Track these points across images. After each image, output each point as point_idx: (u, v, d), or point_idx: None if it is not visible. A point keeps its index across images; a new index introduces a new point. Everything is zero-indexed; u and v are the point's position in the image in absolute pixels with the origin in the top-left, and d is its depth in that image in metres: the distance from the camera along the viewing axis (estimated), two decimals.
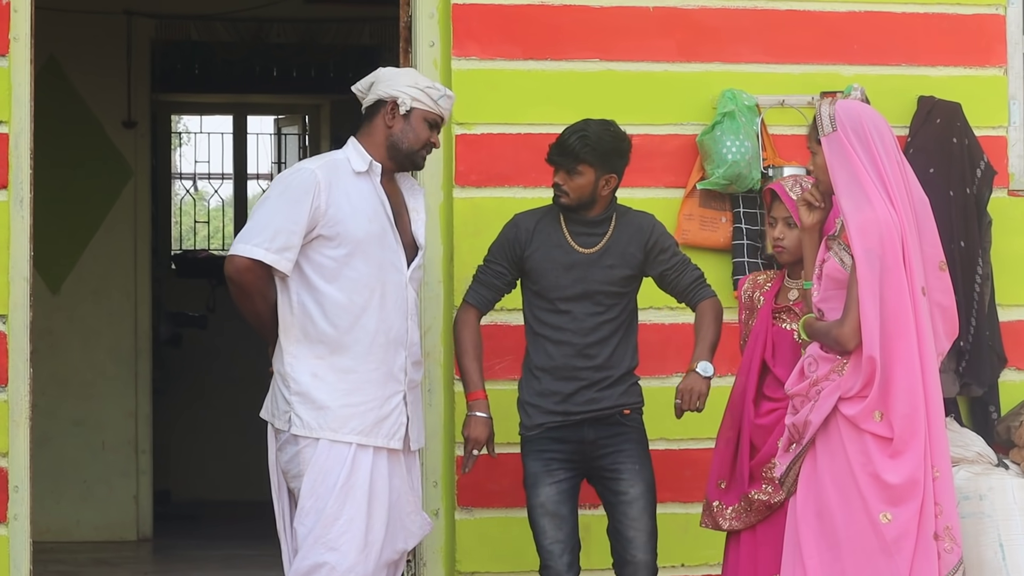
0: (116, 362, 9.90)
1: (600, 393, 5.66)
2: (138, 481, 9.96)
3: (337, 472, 5.26)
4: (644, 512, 5.64)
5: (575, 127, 5.68)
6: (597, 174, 5.66)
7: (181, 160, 14.85)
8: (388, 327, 5.37)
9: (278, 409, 5.36)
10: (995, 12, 6.78)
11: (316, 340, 5.32)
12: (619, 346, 5.71)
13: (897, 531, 4.80)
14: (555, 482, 5.65)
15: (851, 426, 4.87)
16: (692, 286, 5.74)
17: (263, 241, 5.26)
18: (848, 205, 4.91)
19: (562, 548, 5.62)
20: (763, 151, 6.47)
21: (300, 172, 5.39)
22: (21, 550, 6.06)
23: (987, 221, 6.60)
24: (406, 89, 5.44)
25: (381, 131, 5.46)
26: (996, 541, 5.95)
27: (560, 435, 5.67)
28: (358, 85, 5.57)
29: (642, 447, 5.72)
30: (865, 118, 5.00)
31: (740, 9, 6.60)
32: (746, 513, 5.45)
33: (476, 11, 6.42)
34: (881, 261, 4.83)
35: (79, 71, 9.77)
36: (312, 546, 5.24)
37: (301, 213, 5.27)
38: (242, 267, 5.27)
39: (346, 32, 10.45)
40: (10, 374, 6.03)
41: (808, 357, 5.04)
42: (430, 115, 5.49)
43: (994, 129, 6.73)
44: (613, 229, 5.72)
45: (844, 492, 4.85)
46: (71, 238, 9.74)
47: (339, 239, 5.31)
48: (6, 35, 6.08)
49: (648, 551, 5.63)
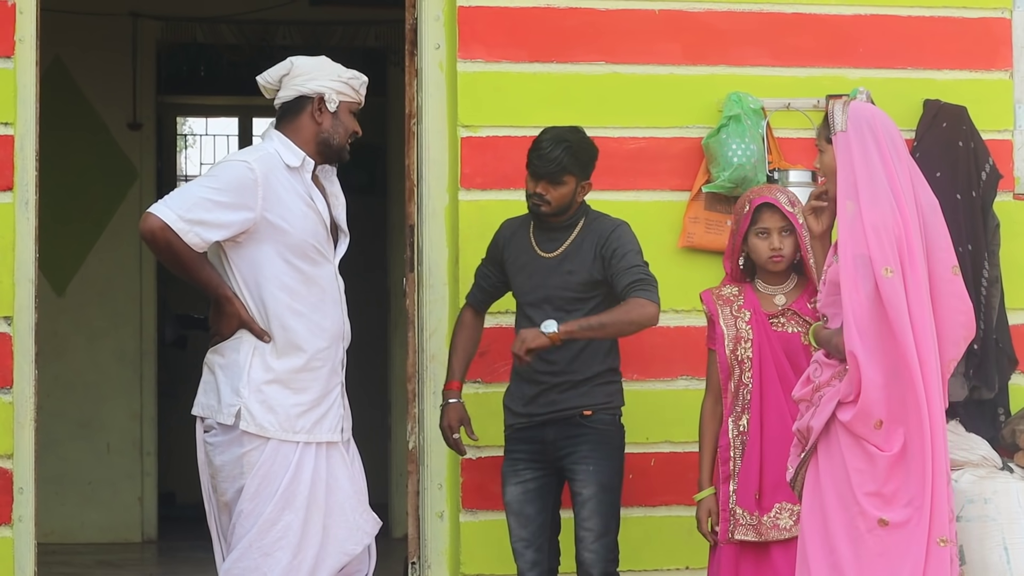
0: (121, 364, 9.91)
1: (561, 395, 5.73)
2: (143, 483, 9.97)
3: (281, 475, 5.18)
4: (595, 513, 5.67)
5: (554, 137, 5.71)
6: (577, 182, 5.73)
7: (186, 162, 14.83)
8: (329, 321, 5.33)
9: (221, 403, 5.25)
10: (1001, 16, 6.78)
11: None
12: (584, 351, 5.72)
13: (894, 538, 4.79)
14: (520, 481, 5.74)
15: (846, 432, 4.86)
16: (628, 287, 5.63)
17: (178, 207, 5.18)
18: (843, 209, 4.90)
19: (524, 545, 5.71)
20: (769, 154, 6.47)
21: (236, 164, 5.30)
22: (26, 551, 6.06)
23: (995, 224, 6.59)
24: (331, 84, 5.38)
25: (309, 127, 5.39)
26: (1001, 544, 5.95)
27: (526, 435, 5.77)
28: (266, 76, 5.49)
29: (602, 448, 5.73)
30: (877, 120, 4.99)
31: (746, 12, 6.60)
32: None
33: (482, 14, 6.42)
34: (879, 265, 4.81)
35: (84, 73, 9.78)
36: (246, 550, 5.16)
37: (229, 200, 5.18)
38: (153, 226, 5.19)
39: (352, 34, 10.46)
40: (15, 376, 6.03)
41: (814, 363, 5.04)
42: (354, 105, 5.45)
43: (1000, 132, 6.73)
44: (576, 235, 5.76)
45: (843, 497, 4.84)
46: (76, 240, 9.76)
47: (277, 235, 5.23)
48: (11, 37, 6.08)
49: (595, 551, 5.66)
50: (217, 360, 5.30)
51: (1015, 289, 6.64)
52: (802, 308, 5.52)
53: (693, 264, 6.28)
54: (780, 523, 5.45)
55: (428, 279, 6.39)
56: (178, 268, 5.26)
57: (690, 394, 6.01)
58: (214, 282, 5.28)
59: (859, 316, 4.78)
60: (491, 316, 6.06)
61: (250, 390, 5.20)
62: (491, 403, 5.97)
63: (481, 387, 6.08)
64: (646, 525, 6.33)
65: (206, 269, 5.28)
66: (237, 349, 5.25)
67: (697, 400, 5.75)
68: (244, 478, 5.20)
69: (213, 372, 5.31)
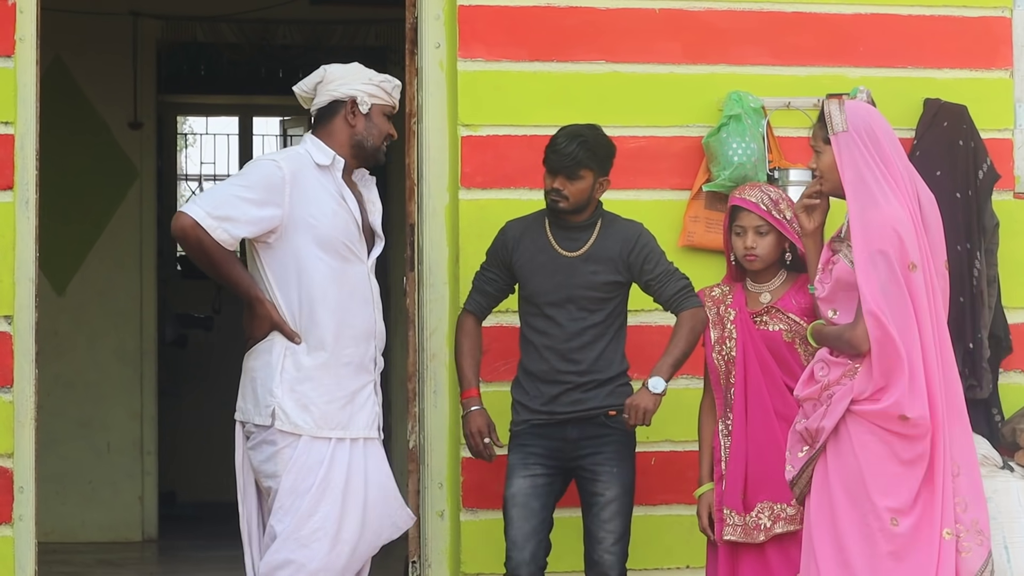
0: (121, 363, 9.91)
1: (585, 395, 5.72)
2: (143, 482, 9.96)
3: (316, 470, 5.27)
4: (617, 515, 5.70)
5: (570, 132, 5.72)
6: (595, 177, 5.71)
7: (187, 161, 14.85)
8: (359, 319, 5.42)
9: (258, 403, 5.33)
10: (1001, 15, 6.78)
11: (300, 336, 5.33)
12: (606, 350, 5.75)
13: (905, 536, 4.79)
14: (530, 475, 5.72)
15: (860, 431, 4.86)
16: (676, 296, 5.73)
17: (206, 205, 5.28)
18: (856, 205, 4.90)
19: (525, 538, 5.68)
20: (769, 153, 6.47)
21: (265, 163, 5.44)
22: (26, 551, 6.06)
23: (995, 223, 6.59)
24: (363, 87, 5.50)
25: (343, 131, 5.49)
26: (1001, 543, 5.95)
27: (544, 432, 5.74)
28: (301, 85, 5.60)
29: (624, 450, 5.76)
30: (875, 119, 5.01)
31: (746, 11, 6.60)
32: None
33: (482, 13, 6.42)
34: (897, 261, 4.82)
35: (85, 72, 9.77)
36: (284, 542, 5.24)
37: (256, 197, 5.28)
38: (184, 224, 5.27)
39: (352, 33, 10.46)
40: (15, 375, 6.03)
41: (818, 361, 5.03)
42: (387, 108, 5.55)
43: (1000, 131, 6.73)
44: (597, 234, 5.76)
45: (853, 496, 4.85)
46: (77, 239, 9.75)
47: (306, 232, 5.32)
48: (12, 36, 6.08)
49: (615, 552, 5.69)
50: (251, 364, 5.40)
51: (1015, 287, 6.64)
52: (786, 305, 5.54)
53: (693, 263, 6.27)
54: (761, 523, 5.46)
55: (428, 278, 6.39)
56: (210, 267, 5.34)
57: (690, 393, 6.01)
58: (245, 282, 5.35)
59: (883, 310, 4.79)
60: (491, 315, 6.04)
61: (283, 389, 5.30)
62: (490, 402, 5.95)
63: (482, 386, 6.07)
64: (646, 524, 6.32)
65: (237, 268, 5.35)
66: (270, 351, 5.34)
67: (697, 399, 5.77)
68: (280, 475, 5.27)
69: (249, 376, 5.40)
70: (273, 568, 5.25)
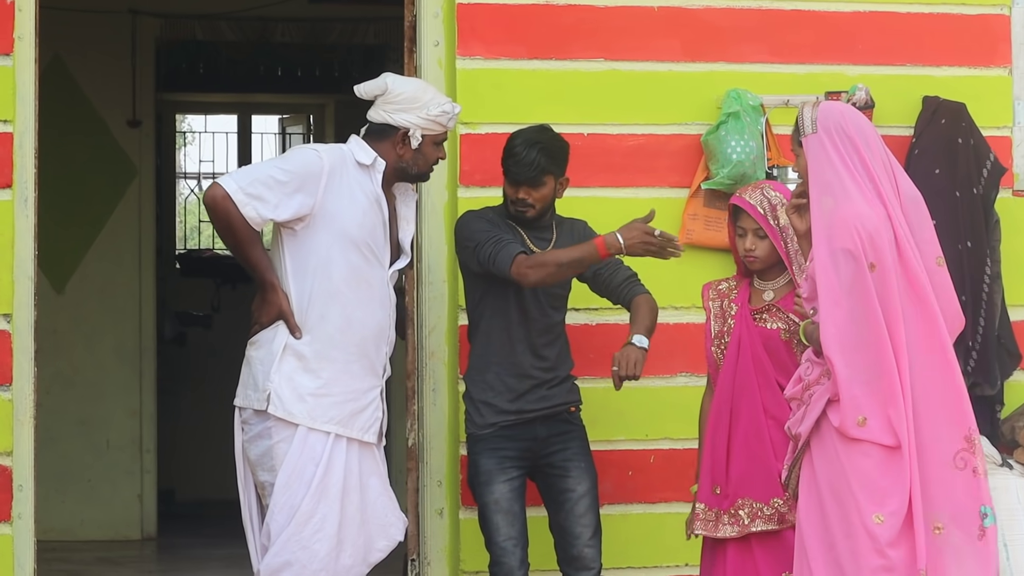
0: (120, 361, 9.91)
1: (551, 391, 5.81)
2: (142, 480, 9.96)
3: (312, 468, 5.26)
4: (590, 509, 5.78)
5: (526, 140, 5.75)
6: (555, 180, 5.78)
7: (186, 159, 14.87)
8: (372, 320, 5.41)
9: (256, 388, 5.33)
10: (1000, 12, 6.78)
11: (305, 327, 5.33)
12: (563, 347, 5.89)
13: (890, 532, 4.80)
14: (508, 480, 5.76)
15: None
16: (624, 283, 5.82)
17: (241, 180, 5.31)
18: (817, 205, 4.90)
19: (514, 544, 5.73)
20: (768, 151, 6.47)
21: (307, 151, 5.46)
22: (25, 549, 6.07)
23: (995, 220, 6.59)
24: (418, 120, 5.47)
25: (390, 154, 5.49)
26: (1000, 541, 5.93)
27: (513, 433, 5.78)
28: (363, 90, 5.55)
29: (586, 444, 5.88)
30: (847, 118, 4.99)
31: (745, 9, 6.60)
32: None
33: (481, 10, 6.42)
34: (862, 259, 4.81)
35: (84, 70, 9.77)
36: (285, 543, 5.24)
37: (292, 182, 5.29)
38: (215, 194, 5.29)
39: (351, 31, 10.45)
40: (14, 373, 6.03)
41: (805, 361, 5.04)
42: (440, 137, 5.56)
43: (999, 129, 6.73)
44: (557, 232, 5.85)
45: (837, 494, 4.85)
46: (76, 237, 9.75)
47: (334, 225, 5.33)
48: (11, 34, 6.08)
49: (594, 546, 5.77)
50: (253, 351, 5.41)
51: (1016, 285, 6.64)
52: (787, 305, 5.54)
53: (692, 261, 6.28)
54: (739, 519, 5.44)
55: (427, 276, 6.39)
56: (232, 242, 5.35)
57: (689, 391, 6.01)
58: (262, 265, 5.36)
59: (836, 312, 4.80)
60: None
61: (281, 376, 5.30)
62: None
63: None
64: (645, 522, 6.33)
65: (258, 249, 5.36)
66: (272, 340, 5.35)
67: (696, 396, 5.76)
68: (276, 470, 5.28)
69: (249, 363, 5.41)
70: (275, 570, 5.26)
